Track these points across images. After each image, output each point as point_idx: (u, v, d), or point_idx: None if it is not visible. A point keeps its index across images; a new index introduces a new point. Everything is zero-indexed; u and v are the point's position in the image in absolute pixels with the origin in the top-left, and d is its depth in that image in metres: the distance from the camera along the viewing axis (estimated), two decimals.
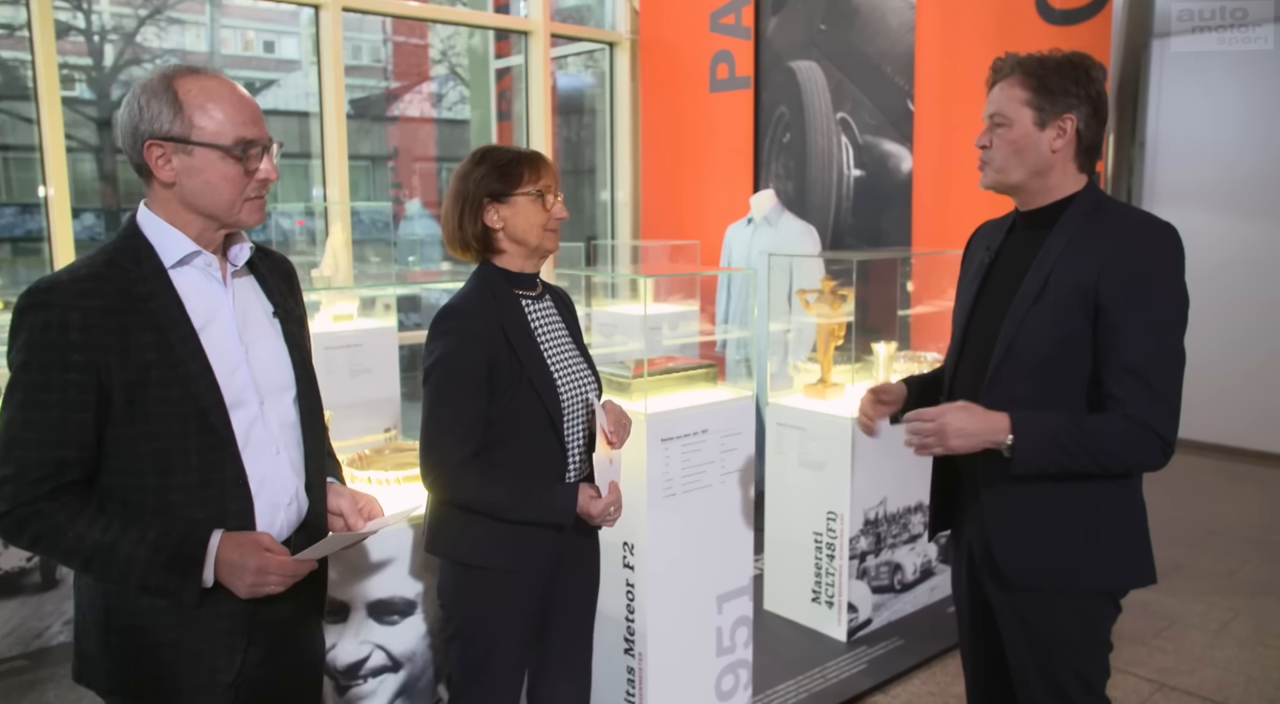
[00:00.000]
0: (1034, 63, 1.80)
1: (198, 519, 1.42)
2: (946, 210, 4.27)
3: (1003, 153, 1.82)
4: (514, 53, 6.21)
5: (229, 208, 1.45)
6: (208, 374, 1.42)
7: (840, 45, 4.64)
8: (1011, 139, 1.80)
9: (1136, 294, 1.68)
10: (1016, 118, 1.79)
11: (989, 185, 1.87)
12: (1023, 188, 1.84)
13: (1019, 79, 1.80)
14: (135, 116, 1.41)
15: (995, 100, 1.84)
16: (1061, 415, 1.73)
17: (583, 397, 1.94)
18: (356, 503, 1.65)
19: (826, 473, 3.45)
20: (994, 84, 1.87)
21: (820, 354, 3.66)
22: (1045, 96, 1.78)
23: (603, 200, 6.07)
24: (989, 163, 1.85)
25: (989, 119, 1.85)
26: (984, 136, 1.86)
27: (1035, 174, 1.81)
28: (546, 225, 1.90)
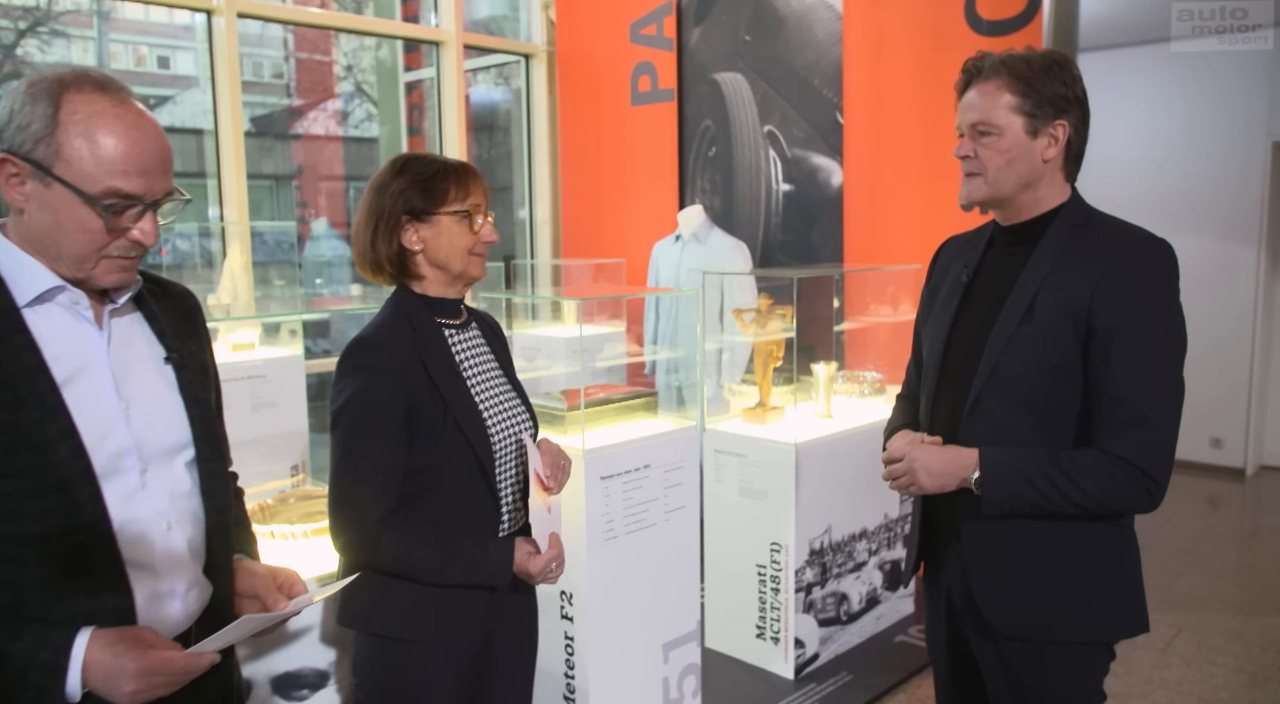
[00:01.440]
0: (1020, 64, 1.64)
1: (60, 619, 1.13)
2: (878, 225, 4.17)
3: (995, 164, 1.65)
4: (425, 65, 5.94)
5: (78, 262, 1.17)
6: (71, 437, 1.14)
7: (766, 57, 4.51)
8: (1002, 149, 1.64)
9: (1132, 318, 1.54)
10: (1006, 125, 1.63)
11: (979, 200, 1.71)
12: (1011, 201, 1.68)
13: (1005, 82, 1.64)
14: (4, 116, 1.13)
15: (977, 106, 1.67)
16: (1038, 451, 1.58)
17: (515, 437, 1.71)
18: (275, 580, 1.37)
19: (769, 502, 3.27)
20: (968, 86, 1.71)
21: (758, 376, 3.49)
22: (1036, 101, 1.62)
23: (521, 218, 5.83)
24: (979, 175, 1.68)
25: (970, 128, 1.69)
26: (966, 146, 1.69)
27: (1025, 186, 1.66)
28: (473, 249, 1.67)
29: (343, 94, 11.01)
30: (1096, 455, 1.54)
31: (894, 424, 1.88)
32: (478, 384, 1.69)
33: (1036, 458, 1.56)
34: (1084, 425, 1.59)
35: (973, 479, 1.59)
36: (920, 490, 1.65)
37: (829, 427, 3.42)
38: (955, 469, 1.61)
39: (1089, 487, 1.53)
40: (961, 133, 1.72)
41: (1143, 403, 1.52)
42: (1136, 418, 1.52)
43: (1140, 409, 1.52)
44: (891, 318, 4.08)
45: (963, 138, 1.71)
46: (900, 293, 4.06)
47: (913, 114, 3.99)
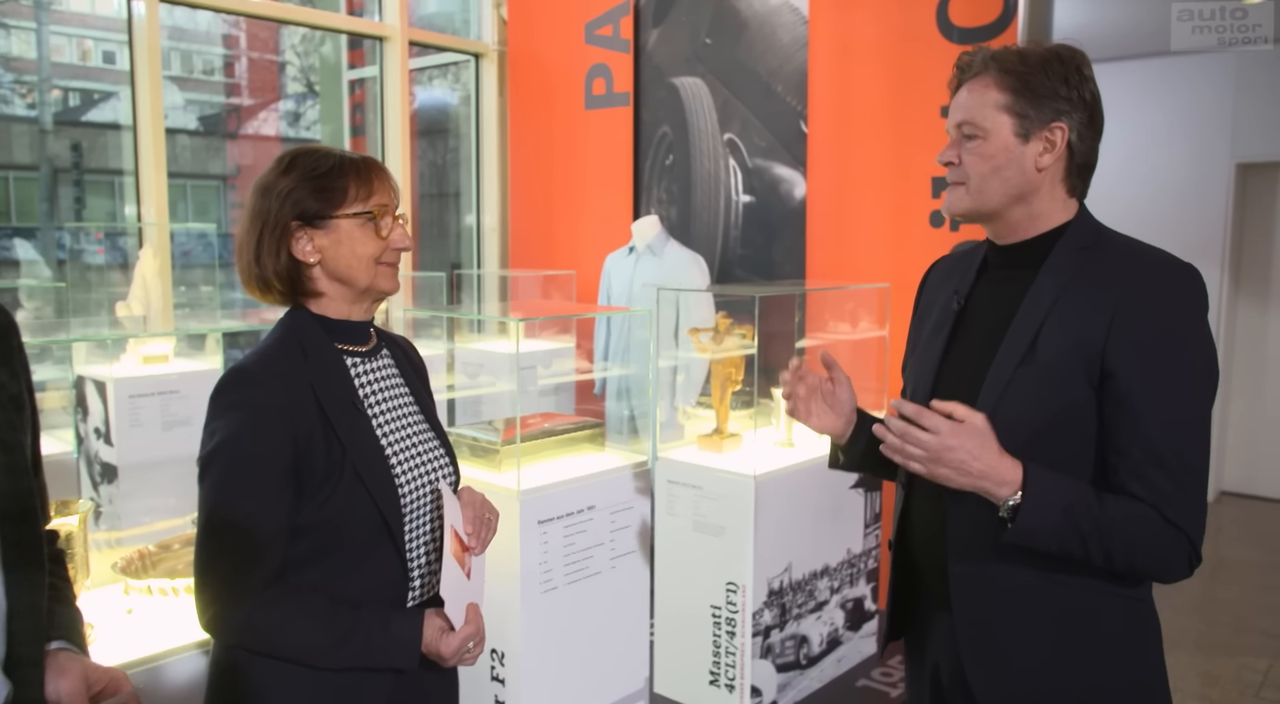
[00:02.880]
0: (1013, 58, 1.41)
1: None
2: (842, 240, 3.95)
3: (978, 171, 1.42)
4: (369, 63, 5.63)
5: None
6: None
7: (727, 61, 4.28)
8: (988, 154, 1.41)
9: (1157, 358, 1.30)
10: (993, 127, 1.40)
11: (960, 212, 1.47)
12: (1001, 216, 1.45)
13: (994, 78, 1.41)
14: None
15: (964, 105, 1.44)
16: (1083, 486, 1.32)
17: (431, 487, 1.44)
18: (88, 678, 1.08)
19: (726, 538, 3.02)
20: (960, 84, 1.48)
21: (716, 400, 3.24)
22: (1028, 101, 1.39)
23: (468, 226, 5.54)
24: (961, 183, 1.45)
25: (956, 129, 1.46)
26: (950, 151, 1.46)
27: (1017, 198, 1.43)
28: (381, 258, 1.39)
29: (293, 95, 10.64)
30: (1146, 510, 1.29)
31: None
32: (387, 423, 1.42)
33: (1084, 493, 1.30)
34: (1094, 480, 1.36)
35: (1010, 501, 1.29)
36: (931, 477, 1.33)
37: (790, 456, 3.18)
38: (991, 475, 1.29)
39: (1134, 540, 1.28)
40: (950, 136, 1.49)
41: (1173, 460, 1.29)
42: (1167, 477, 1.29)
43: (1171, 467, 1.29)
44: (851, 337, 3.86)
45: (947, 144, 1.48)
46: (860, 311, 3.85)
47: (880, 125, 3.78)
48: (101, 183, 9.51)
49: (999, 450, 1.30)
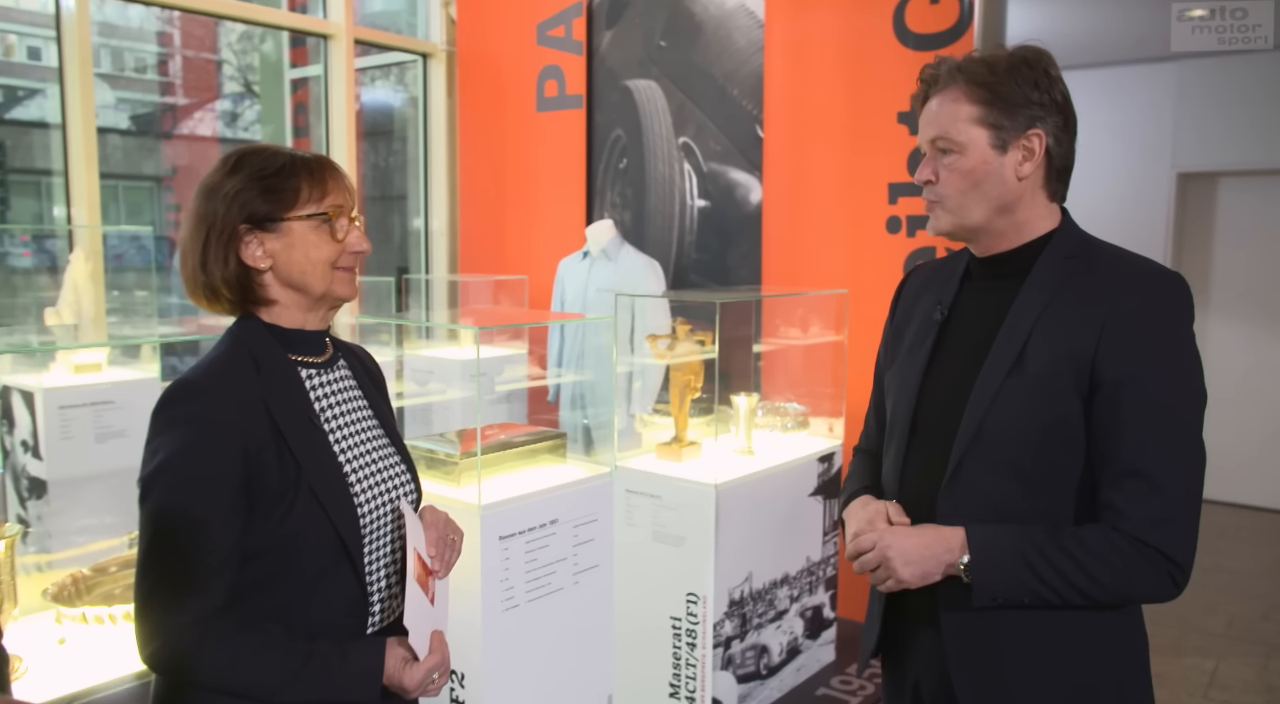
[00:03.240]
0: (979, 67, 1.38)
1: None
2: (798, 245, 3.93)
3: (957, 187, 1.39)
4: (312, 61, 5.48)
5: None
6: None
7: (682, 64, 4.24)
8: (966, 169, 1.37)
9: (1147, 370, 1.28)
10: (969, 141, 1.37)
11: (943, 231, 1.44)
12: (987, 229, 1.42)
13: (964, 91, 1.38)
14: None
15: (935, 120, 1.40)
16: (1034, 529, 1.31)
17: (392, 505, 1.35)
18: None
19: (686, 549, 2.96)
20: (926, 98, 1.45)
21: (674, 408, 3.19)
22: (1001, 110, 1.36)
23: (415, 229, 5.41)
24: (939, 202, 1.41)
25: (930, 146, 1.42)
26: (926, 169, 1.42)
27: (1001, 210, 1.39)
28: (337, 262, 1.31)
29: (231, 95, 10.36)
30: (1109, 535, 1.28)
31: (852, 486, 1.59)
32: (344, 439, 1.33)
33: (1034, 538, 1.29)
34: (1084, 496, 1.33)
35: (960, 565, 1.31)
36: (899, 585, 1.36)
37: (750, 464, 3.14)
38: (938, 554, 1.33)
39: (1101, 573, 1.27)
40: (924, 152, 1.45)
41: (1162, 473, 1.27)
42: (1155, 491, 1.26)
43: (1159, 481, 1.26)
44: (804, 343, 3.83)
45: (922, 162, 1.45)
46: (813, 316, 3.82)
47: (837, 130, 3.76)
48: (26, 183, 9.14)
49: (932, 530, 1.36)
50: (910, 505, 1.43)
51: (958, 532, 1.33)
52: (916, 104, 1.46)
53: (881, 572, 1.37)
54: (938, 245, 3.55)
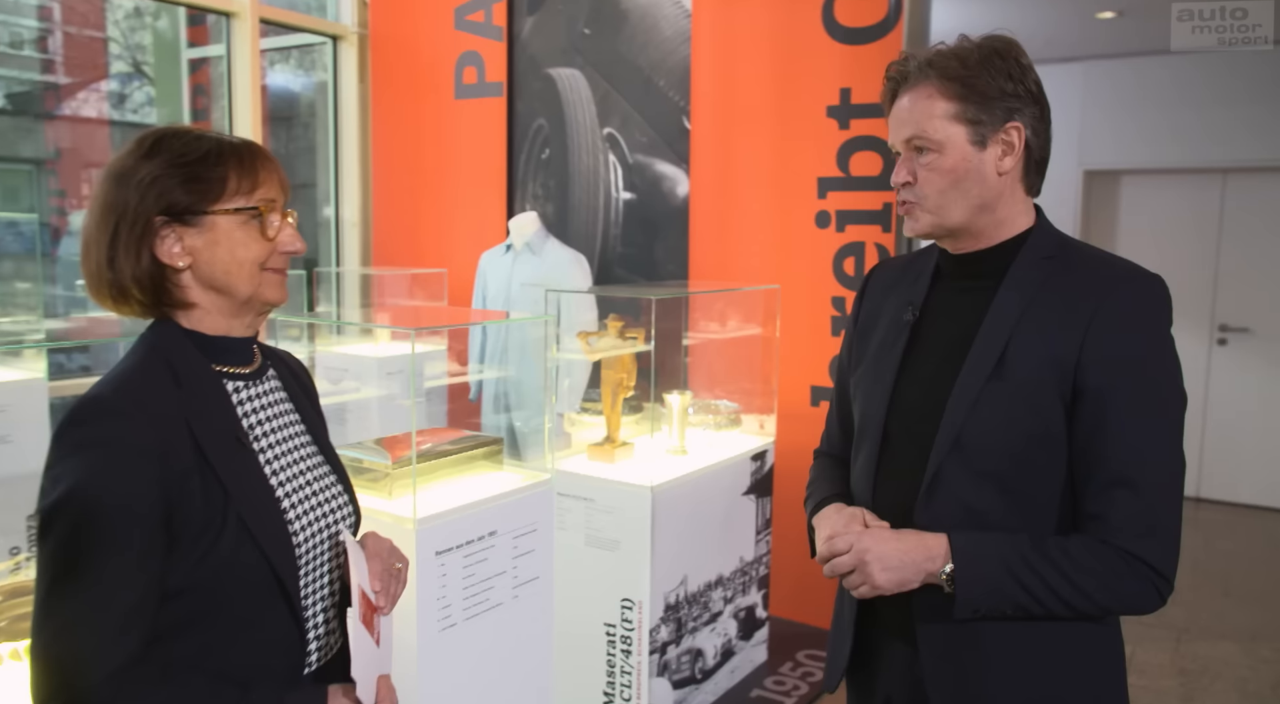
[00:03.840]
0: (951, 61, 1.31)
1: None
2: (726, 239, 3.87)
3: (937, 187, 1.32)
4: (213, 41, 5.18)
5: None
6: None
7: (607, 53, 4.13)
8: (946, 168, 1.31)
9: (1132, 375, 1.24)
10: (946, 139, 1.31)
11: (923, 232, 1.37)
12: (967, 229, 1.36)
13: (937, 86, 1.31)
14: None
15: (909, 118, 1.33)
16: (1019, 539, 1.26)
17: (330, 533, 1.22)
18: None
19: (621, 553, 2.87)
20: (895, 96, 1.38)
21: (606, 408, 3.09)
22: (978, 105, 1.30)
23: (325, 219, 5.18)
24: (919, 203, 1.35)
25: (904, 145, 1.35)
26: (903, 169, 1.35)
27: (982, 208, 1.34)
28: (267, 263, 1.17)
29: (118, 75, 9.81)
30: (1095, 547, 1.23)
31: (820, 492, 1.52)
32: (277, 459, 1.19)
33: (1020, 547, 1.25)
34: (1066, 506, 1.29)
35: (943, 573, 1.25)
36: (874, 591, 1.29)
37: (684, 464, 3.06)
38: (918, 561, 1.27)
39: (1087, 584, 1.22)
40: (896, 152, 1.38)
41: (1148, 483, 1.23)
42: (1141, 502, 1.23)
43: (1145, 491, 1.23)
44: (735, 339, 3.78)
45: (898, 158, 1.38)
46: (741, 312, 3.78)
47: (766, 122, 3.71)
48: None
49: (914, 535, 1.29)
50: (884, 515, 1.37)
51: (940, 538, 1.27)
52: (885, 103, 1.39)
53: (856, 576, 1.30)
54: (866, 241, 3.53)
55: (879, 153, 3.46)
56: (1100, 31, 5.15)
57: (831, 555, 1.33)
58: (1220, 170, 5.89)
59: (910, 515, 1.33)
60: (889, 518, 1.36)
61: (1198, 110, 5.73)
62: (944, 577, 1.26)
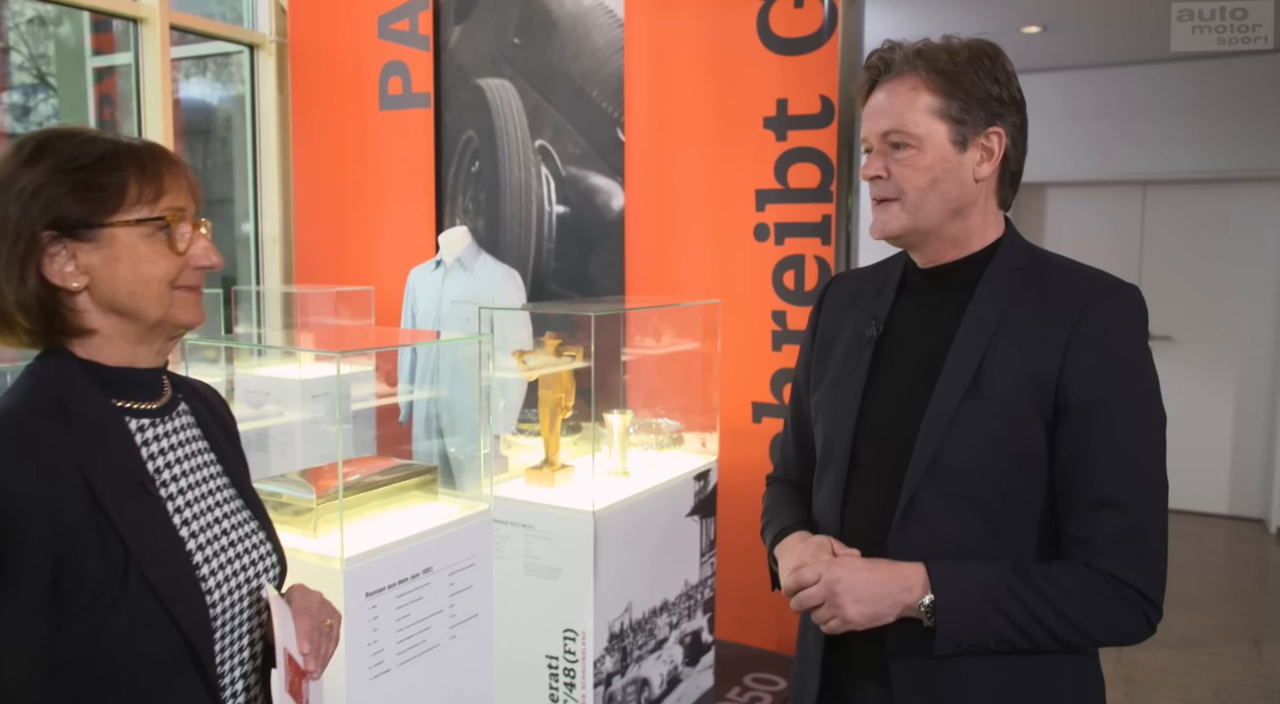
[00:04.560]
0: (940, 54, 1.25)
1: None
2: (663, 253, 3.79)
3: (914, 185, 1.24)
4: (120, 49, 4.93)
5: None
6: None
7: (538, 63, 4.03)
8: (924, 165, 1.24)
9: (1116, 391, 1.18)
10: (927, 135, 1.23)
11: (894, 233, 1.29)
12: (938, 235, 1.28)
13: (923, 78, 1.24)
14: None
15: (889, 110, 1.25)
16: (1001, 567, 1.18)
17: (251, 589, 1.09)
18: None
19: (562, 581, 2.75)
20: (874, 87, 1.31)
21: (544, 429, 2.97)
22: (963, 103, 1.23)
23: (244, 235, 4.96)
24: (896, 200, 1.27)
25: (880, 139, 1.27)
26: (876, 163, 1.27)
27: (955, 214, 1.27)
28: (178, 280, 1.03)
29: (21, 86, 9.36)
30: (1081, 573, 1.16)
31: (780, 520, 1.42)
32: (188, 506, 1.06)
33: (1002, 576, 1.17)
34: (1048, 529, 1.22)
35: (921, 605, 1.17)
36: (845, 625, 1.20)
37: (626, 486, 2.96)
38: (894, 592, 1.18)
39: (1074, 613, 1.15)
40: (869, 147, 1.31)
41: (1135, 505, 1.17)
42: (1129, 524, 1.16)
43: (1133, 513, 1.16)
44: (675, 356, 3.70)
45: (870, 154, 1.30)
46: (681, 328, 3.69)
47: (701, 134, 3.65)
48: None
49: (887, 565, 1.21)
50: (853, 545, 1.29)
51: (916, 567, 1.19)
52: (859, 95, 1.31)
53: (826, 610, 1.21)
54: (806, 254, 3.48)
55: (817, 165, 3.42)
56: (1025, 46, 5.22)
57: (799, 587, 1.24)
58: (1140, 182, 6.03)
59: (883, 545, 1.24)
60: (859, 548, 1.28)
61: (1119, 123, 5.87)
62: (923, 609, 1.17)
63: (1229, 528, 5.75)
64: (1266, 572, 5.10)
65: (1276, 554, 5.31)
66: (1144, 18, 4.74)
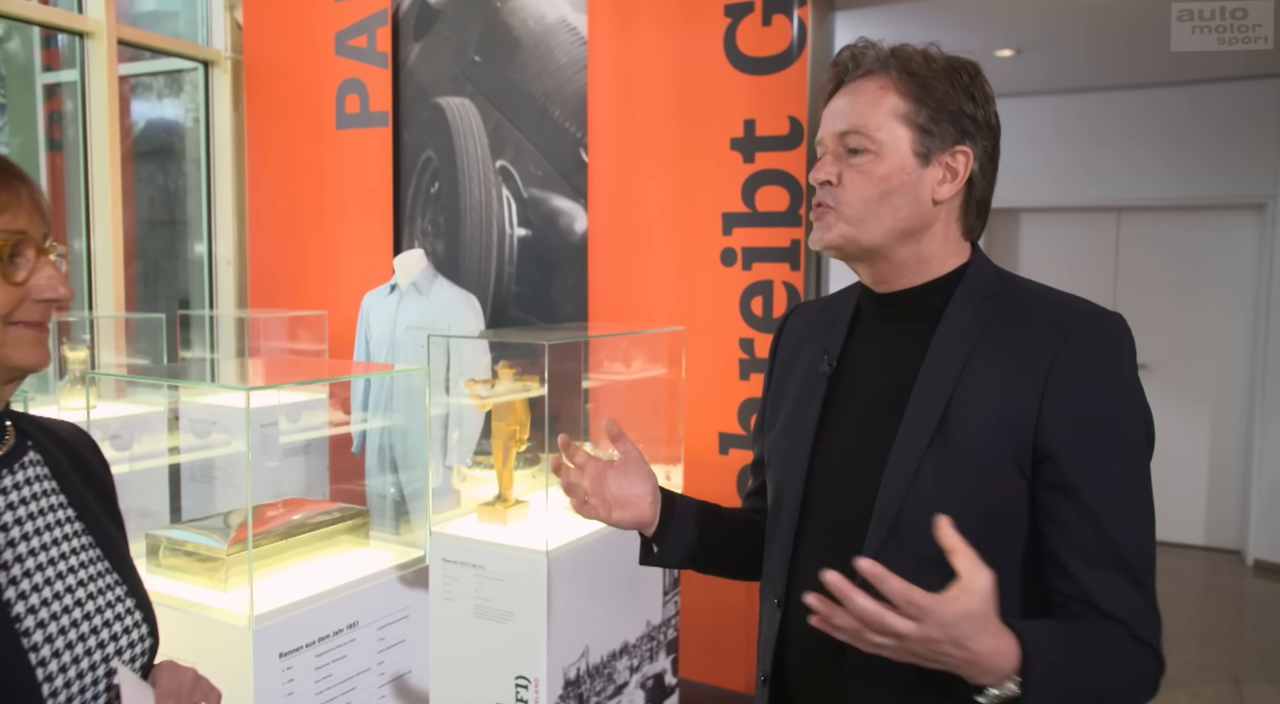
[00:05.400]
0: (916, 59, 1.12)
1: None
2: (627, 278, 3.66)
3: (862, 194, 1.12)
4: (67, 64, 4.77)
5: None
6: None
7: (499, 82, 3.90)
8: (879, 174, 1.11)
9: (1104, 433, 1.04)
10: (889, 141, 1.11)
11: (832, 244, 1.16)
12: (882, 255, 1.15)
13: (894, 79, 1.12)
14: None
15: (850, 110, 1.13)
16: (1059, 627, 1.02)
17: (105, 670, 0.93)
18: None
19: (514, 625, 2.59)
20: (839, 84, 1.18)
21: (498, 463, 2.82)
22: (932, 113, 1.11)
23: (197, 257, 4.79)
24: (835, 209, 1.14)
25: (836, 140, 1.15)
26: (830, 167, 1.14)
27: (905, 235, 1.14)
28: (14, 315, 0.89)
29: None
30: (1113, 633, 1.02)
31: None
32: (29, 573, 0.90)
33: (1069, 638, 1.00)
34: (1029, 589, 1.08)
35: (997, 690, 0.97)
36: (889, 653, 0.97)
37: (584, 524, 2.80)
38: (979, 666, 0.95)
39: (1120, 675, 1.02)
40: (824, 151, 1.18)
41: (1133, 558, 1.04)
42: (1130, 580, 1.03)
43: (1131, 566, 1.03)
44: (638, 385, 3.56)
45: (823, 158, 1.17)
46: (644, 356, 3.56)
47: (667, 155, 3.53)
48: None
49: (996, 624, 0.95)
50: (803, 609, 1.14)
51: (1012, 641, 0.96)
52: (823, 94, 1.19)
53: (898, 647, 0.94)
54: (775, 280, 3.36)
55: (785, 188, 3.31)
56: (998, 70, 5.16)
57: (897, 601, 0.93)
58: (1115, 209, 5.98)
59: None
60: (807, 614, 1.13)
61: (1094, 149, 5.82)
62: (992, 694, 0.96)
63: (1205, 559, 5.66)
64: (1244, 606, 5.00)
65: (1254, 587, 5.21)
66: (1118, 44, 4.69)
